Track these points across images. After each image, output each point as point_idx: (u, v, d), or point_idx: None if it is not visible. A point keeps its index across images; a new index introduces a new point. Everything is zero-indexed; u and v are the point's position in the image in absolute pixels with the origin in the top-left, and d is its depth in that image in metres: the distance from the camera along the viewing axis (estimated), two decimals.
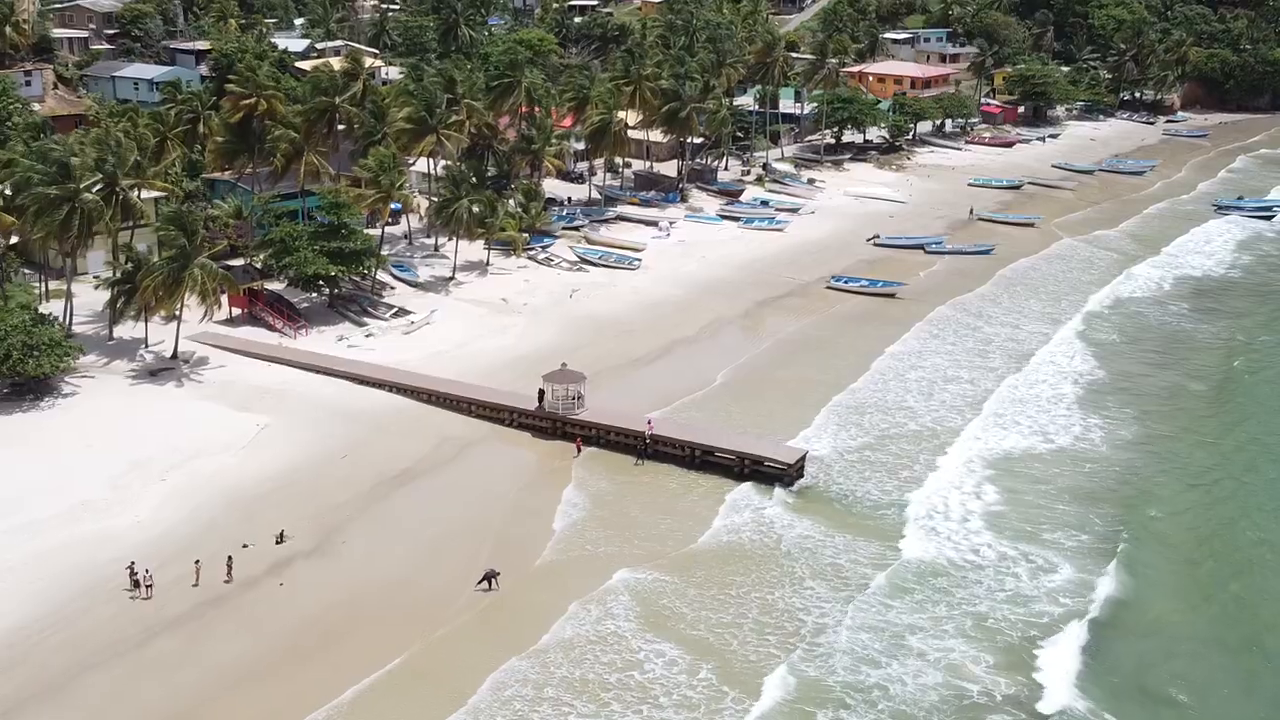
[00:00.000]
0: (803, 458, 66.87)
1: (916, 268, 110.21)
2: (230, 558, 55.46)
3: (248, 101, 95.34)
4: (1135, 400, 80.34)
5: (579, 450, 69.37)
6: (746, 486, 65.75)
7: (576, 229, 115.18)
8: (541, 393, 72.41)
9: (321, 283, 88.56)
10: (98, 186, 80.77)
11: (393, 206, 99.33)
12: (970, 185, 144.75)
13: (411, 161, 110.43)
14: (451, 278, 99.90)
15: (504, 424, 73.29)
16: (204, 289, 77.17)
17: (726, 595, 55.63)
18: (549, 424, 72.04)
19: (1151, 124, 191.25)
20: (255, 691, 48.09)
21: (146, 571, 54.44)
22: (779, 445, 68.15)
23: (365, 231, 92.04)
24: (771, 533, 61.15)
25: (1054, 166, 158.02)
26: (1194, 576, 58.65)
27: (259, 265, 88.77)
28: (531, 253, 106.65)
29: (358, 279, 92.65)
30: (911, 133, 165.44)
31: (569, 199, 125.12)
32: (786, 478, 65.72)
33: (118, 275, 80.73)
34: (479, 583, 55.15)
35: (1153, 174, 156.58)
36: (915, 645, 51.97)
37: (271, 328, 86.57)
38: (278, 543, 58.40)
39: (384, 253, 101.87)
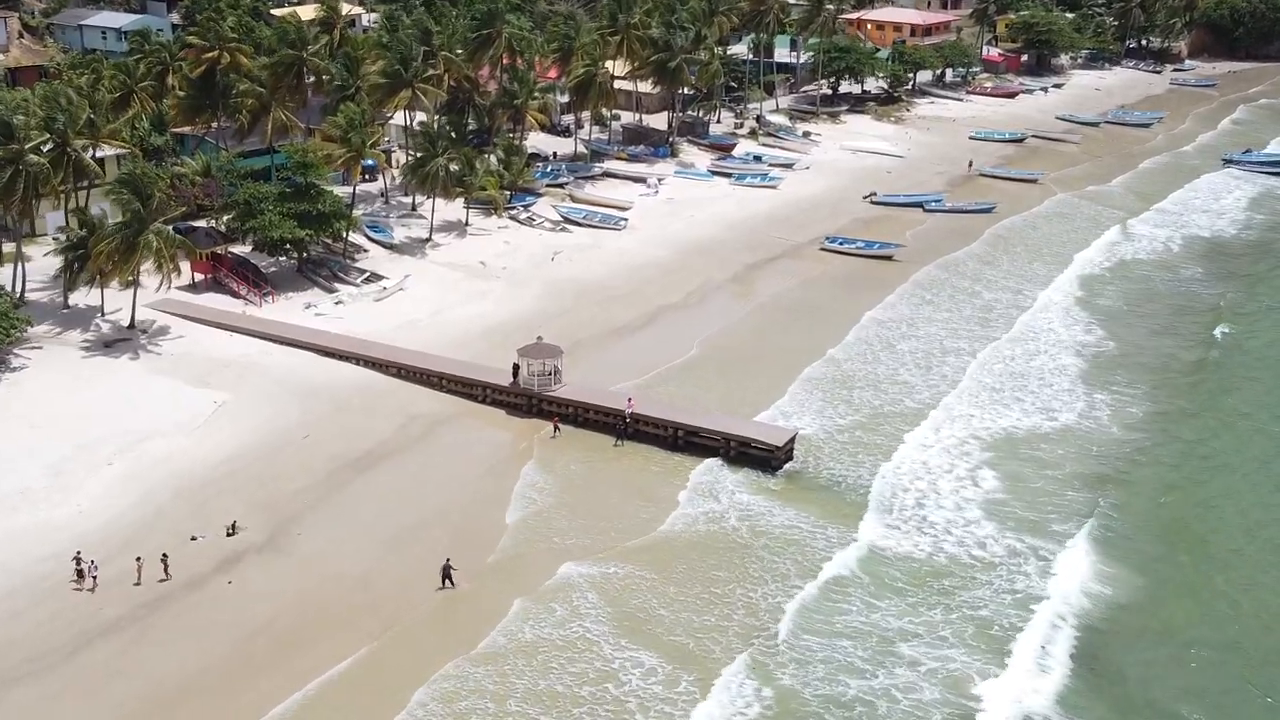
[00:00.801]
0: (792, 439, 63.02)
1: (910, 227, 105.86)
2: (165, 556, 51.60)
3: (210, 54, 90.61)
4: (1145, 373, 76.26)
5: (556, 430, 65.48)
6: (725, 471, 61.93)
7: (561, 186, 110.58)
8: (516, 367, 68.44)
9: (289, 247, 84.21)
10: (47, 146, 76.30)
11: (366, 164, 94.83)
12: (971, 139, 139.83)
13: (389, 115, 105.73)
14: (428, 239, 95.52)
15: (477, 400, 69.39)
16: (160, 257, 72.87)
17: (689, 591, 51.97)
18: (524, 401, 68.15)
19: (1158, 73, 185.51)
20: (194, 707, 44.49)
21: (92, 563, 50.95)
22: (767, 426, 64.30)
23: (336, 192, 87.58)
24: (749, 522, 57.40)
25: (1058, 118, 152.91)
26: (1211, 576, 54.72)
27: (223, 229, 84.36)
28: (513, 212, 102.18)
29: (329, 240, 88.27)
30: (911, 83, 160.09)
31: (554, 154, 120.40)
32: (774, 461, 61.90)
33: (70, 240, 76.43)
34: (443, 581, 51.62)
35: (1159, 125, 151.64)
36: (906, 653, 48.34)
37: (236, 295, 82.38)
38: (229, 535, 54.68)
39: (359, 212, 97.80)
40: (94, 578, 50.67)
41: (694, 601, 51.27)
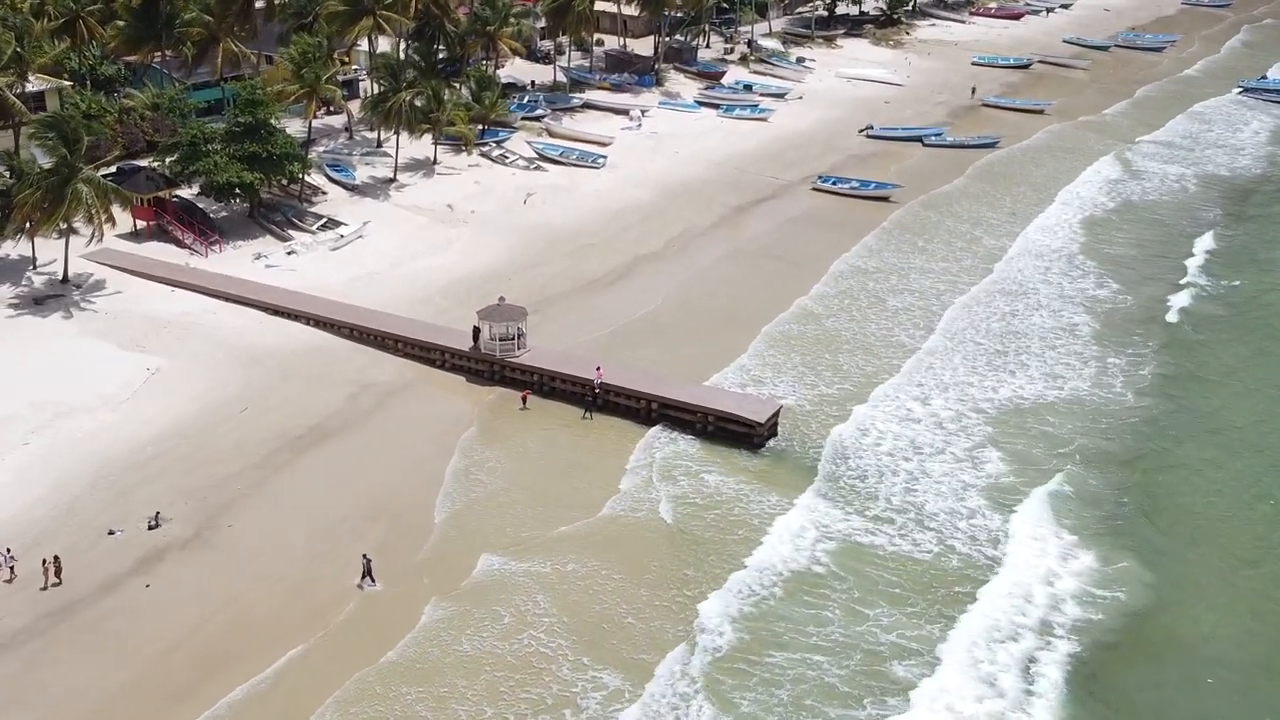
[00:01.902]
0: (775, 414, 57.56)
1: (901, 162, 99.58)
2: (57, 559, 46.25)
3: None
4: (1158, 330, 70.64)
5: (524, 403, 59.89)
6: (698, 448, 56.59)
7: (538, 120, 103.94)
8: (476, 331, 62.80)
9: (238, 192, 77.98)
10: None
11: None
12: (974, 64, 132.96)
13: (350, 46, 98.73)
14: (393, 179, 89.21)
15: (435, 365, 63.84)
16: (90, 208, 66.79)
17: (632, 592, 46.69)
18: (485, 368, 62.61)
19: None
20: None
21: (8, 551, 46.34)
22: (749, 400, 58.78)
23: (289, 132, 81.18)
24: (719, 510, 52.00)
25: (1065, 42, 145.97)
26: (1232, 577, 49.04)
27: (167, 172, 78.08)
28: (485, 149, 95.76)
29: (285, 180, 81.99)
30: (911, 3, 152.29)
31: (532, 83, 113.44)
32: (755, 438, 56.52)
33: None
34: (362, 578, 46.76)
35: (1172, 50, 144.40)
36: (893, 673, 43.28)
37: (181, 244, 76.39)
38: (150, 528, 49.44)
39: (320, 148, 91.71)
40: (10, 568, 45.93)
41: (638, 604, 46.11)
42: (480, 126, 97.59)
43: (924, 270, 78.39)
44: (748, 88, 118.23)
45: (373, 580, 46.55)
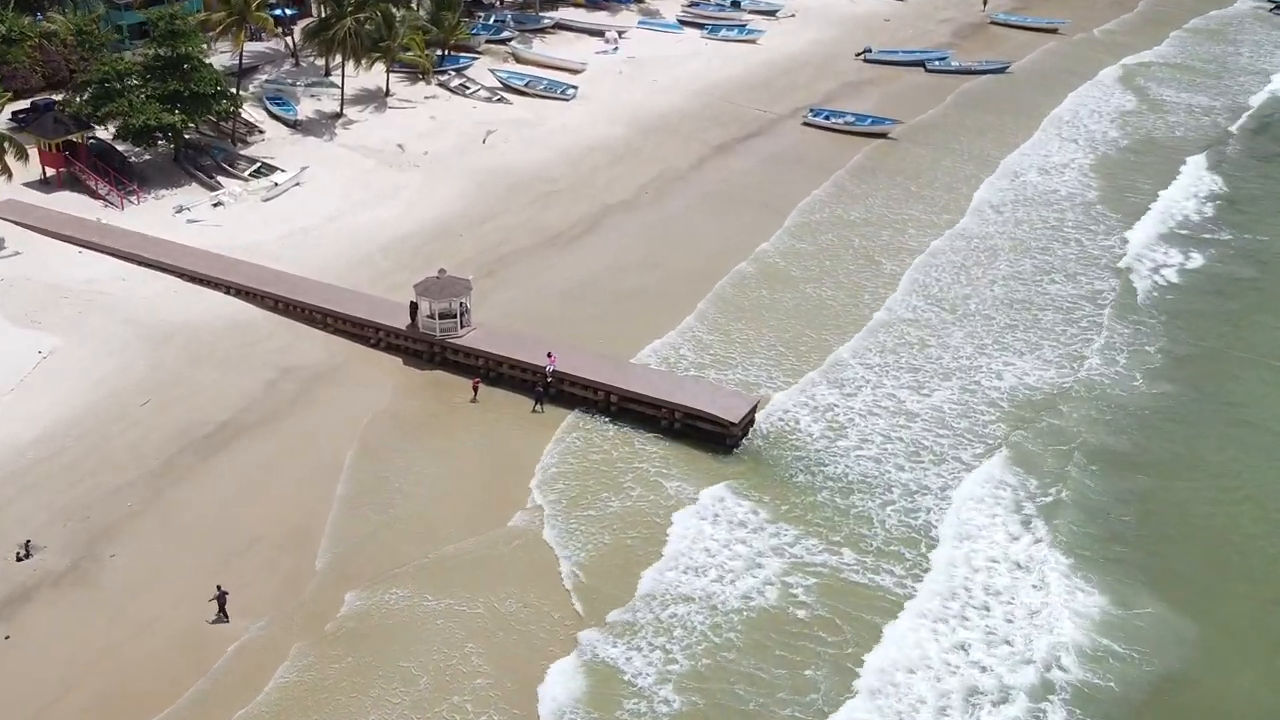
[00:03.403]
0: (752, 411, 50.19)
1: (892, 88, 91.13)
2: None
3: None
4: (1171, 300, 62.87)
5: (475, 393, 52.42)
6: (666, 449, 49.32)
7: (504, 43, 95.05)
8: (414, 307, 55.24)
9: (159, 135, 69.72)
10: None
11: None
12: None
13: None
14: (339, 115, 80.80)
15: (369, 344, 56.39)
16: None
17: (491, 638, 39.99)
18: (424, 348, 55.17)
19: None
20: None
21: None
22: (722, 393, 51.23)
23: (215, 67, 72.64)
24: (634, 530, 44.65)
25: None
26: (1272, 624, 41.56)
27: (78, 112, 69.72)
28: (444, 78, 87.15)
29: (214, 119, 73.73)
30: None
31: (500, 1, 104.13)
32: (729, 438, 49.26)
33: None
34: (217, 613, 40.15)
35: None
36: None
37: (94, 194, 68.37)
38: (19, 559, 42.37)
39: (264, 78, 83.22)
40: None
41: (489, 659, 38.98)
42: (440, 52, 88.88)
43: (921, 223, 70.57)
44: (735, 4, 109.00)
45: (225, 616, 39.84)
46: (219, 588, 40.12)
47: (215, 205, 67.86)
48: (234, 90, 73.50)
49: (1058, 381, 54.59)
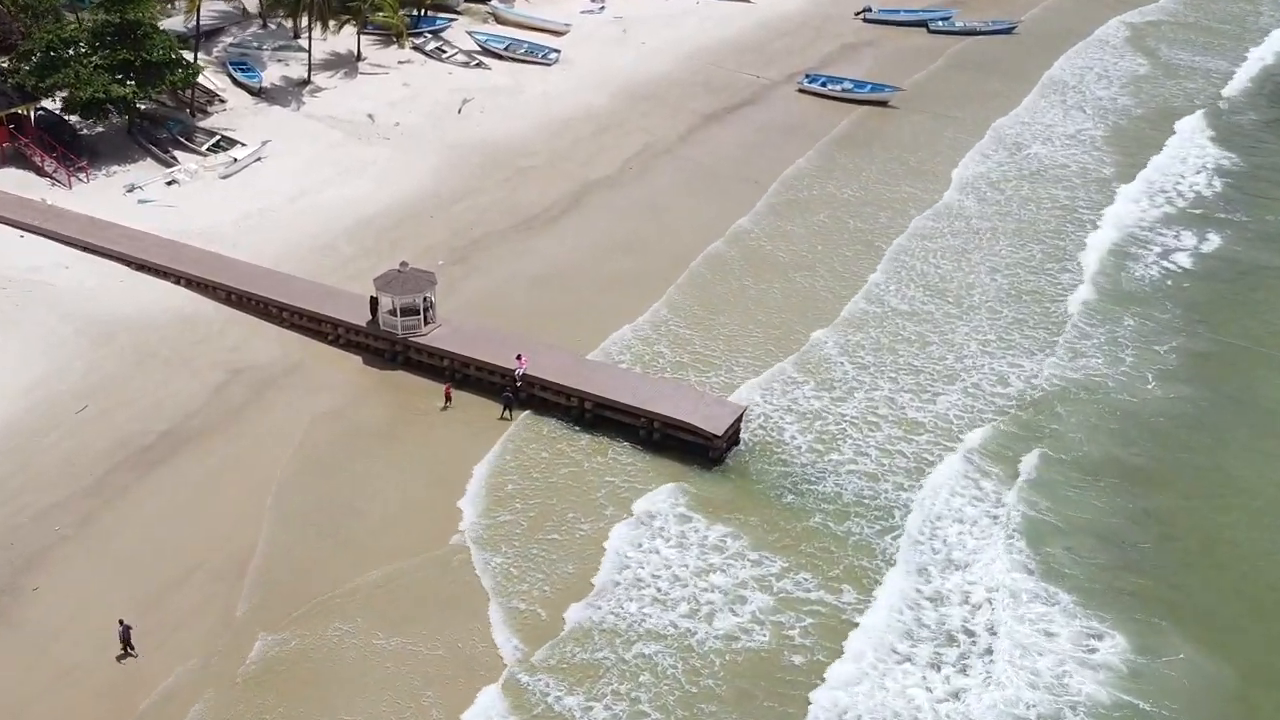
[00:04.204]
0: (738, 421, 46.29)
1: (900, 52, 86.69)
2: None
3: None
4: (1187, 291, 58.62)
5: (448, 400, 48.49)
6: (631, 460, 45.51)
7: (483, 1, 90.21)
8: (374, 302, 51.26)
9: (110, 107, 65.36)
10: None
11: None
12: None
13: None
14: (307, 81, 76.29)
15: (327, 341, 52.49)
16: None
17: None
18: (386, 346, 51.28)
19: None
20: None
21: None
22: (705, 401, 47.20)
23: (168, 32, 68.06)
24: (565, 565, 40.76)
25: None
26: None
27: (23, 83, 65.25)
28: (419, 41, 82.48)
29: (175, 88, 69.31)
30: None
31: None
32: (712, 451, 45.47)
33: None
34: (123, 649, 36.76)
35: None
36: None
37: (41, 171, 64.13)
38: None
39: (228, 40, 78.68)
40: None
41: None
42: (415, 12, 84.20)
43: (926, 205, 66.45)
44: None
45: (132, 650, 36.55)
46: (121, 621, 36.54)
47: (169, 184, 63.67)
48: (192, 58, 68.97)
49: (1058, 383, 50.57)
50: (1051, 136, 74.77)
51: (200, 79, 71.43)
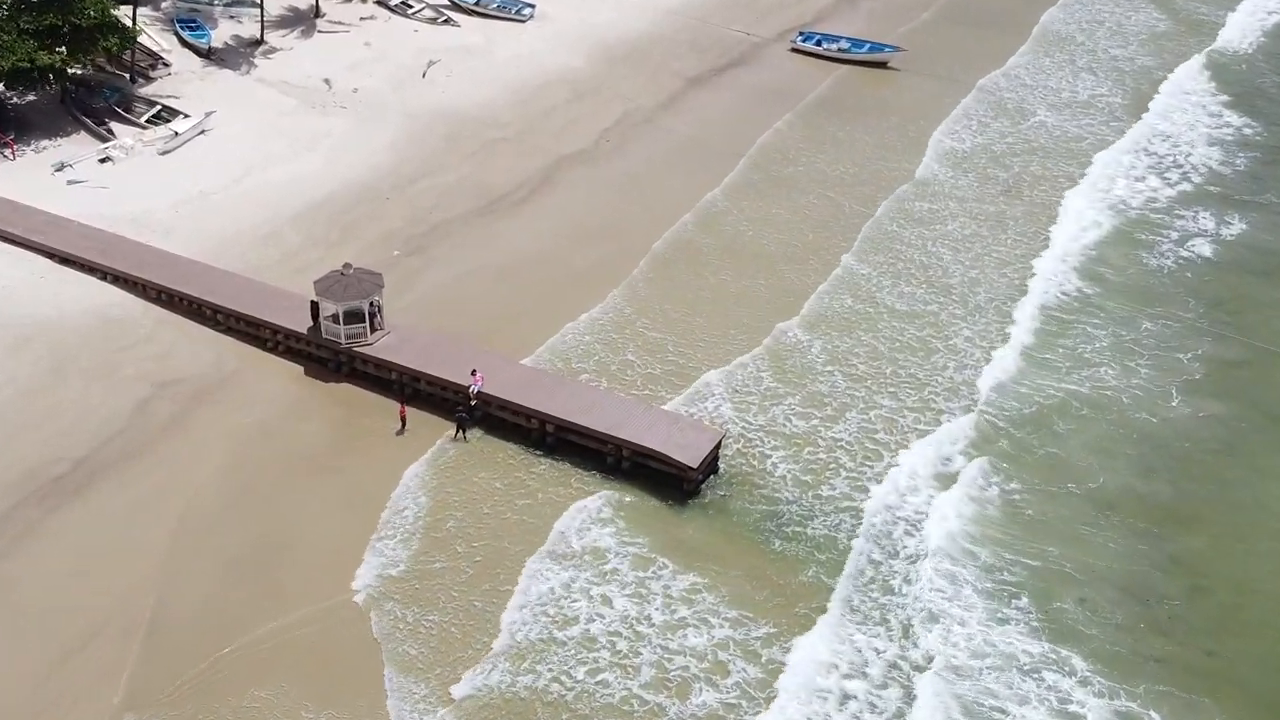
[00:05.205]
0: (715, 449, 41.55)
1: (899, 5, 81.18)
2: None
3: None
4: (1210, 288, 53.57)
5: (403, 424, 43.56)
6: (599, 492, 40.89)
7: None
8: (315, 307, 46.31)
9: (37, 76, 59.84)
10: None
11: None
12: None
13: None
14: (260, 41, 70.60)
15: (265, 348, 47.60)
16: None
17: None
18: (329, 355, 46.41)
19: None
20: None
21: None
22: (681, 425, 42.39)
23: None
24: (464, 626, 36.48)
25: None
26: None
27: None
28: None
29: (106, 53, 63.69)
30: None
31: None
32: (686, 484, 40.80)
33: None
34: None
35: None
36: None
37: None
38: None
39: None
40: None
41: None
42: None
43: (930, 189, 61.23)
44: None
45: None
46: None
47: (102, 161, 58.36)
48: (130, 18, 63.31)
49: (1060, 397, 45.71)
50: (1060, 104, 69.51)
51: (143, 39, 65.91)
